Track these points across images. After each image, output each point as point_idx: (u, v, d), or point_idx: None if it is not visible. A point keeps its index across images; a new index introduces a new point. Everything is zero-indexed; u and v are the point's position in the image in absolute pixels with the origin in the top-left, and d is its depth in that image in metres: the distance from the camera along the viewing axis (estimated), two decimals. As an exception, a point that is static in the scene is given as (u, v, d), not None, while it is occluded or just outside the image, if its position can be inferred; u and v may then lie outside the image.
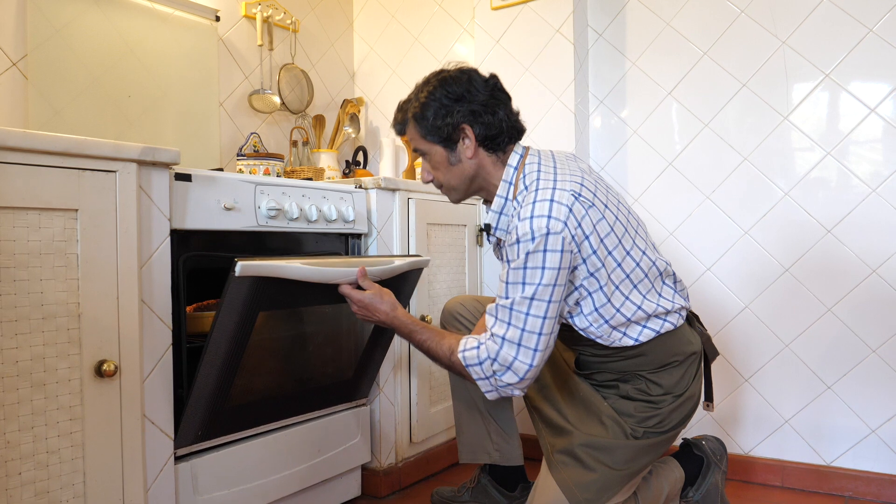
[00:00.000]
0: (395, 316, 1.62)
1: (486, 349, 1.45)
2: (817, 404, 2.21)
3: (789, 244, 2.25)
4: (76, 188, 1.30)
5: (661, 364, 1.54)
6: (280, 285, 1.52)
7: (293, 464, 1.84)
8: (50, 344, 1.27)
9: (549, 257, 1.38)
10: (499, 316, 1.44)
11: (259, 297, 1.51)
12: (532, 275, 1.39)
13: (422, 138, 1.55)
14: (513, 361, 1.42)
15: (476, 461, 1.93)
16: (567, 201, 1.40)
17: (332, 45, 3.08)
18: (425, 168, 1.61)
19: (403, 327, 1.62)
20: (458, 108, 1.50)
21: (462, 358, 1.48)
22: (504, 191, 1.54)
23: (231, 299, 1.47)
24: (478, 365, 1.46)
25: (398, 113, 1.60)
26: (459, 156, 1.54)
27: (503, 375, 1.44)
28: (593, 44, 2.60)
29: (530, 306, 1.39)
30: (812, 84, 2.22)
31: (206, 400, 1.56)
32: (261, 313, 1.57)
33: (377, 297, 1.62)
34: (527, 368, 1.42)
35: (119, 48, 2.18)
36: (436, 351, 1.55)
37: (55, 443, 1.28)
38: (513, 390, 1.46)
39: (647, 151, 2.51)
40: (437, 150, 1.55)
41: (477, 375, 1.47)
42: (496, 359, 1.43)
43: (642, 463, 1.53)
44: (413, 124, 1.56)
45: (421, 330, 1.60)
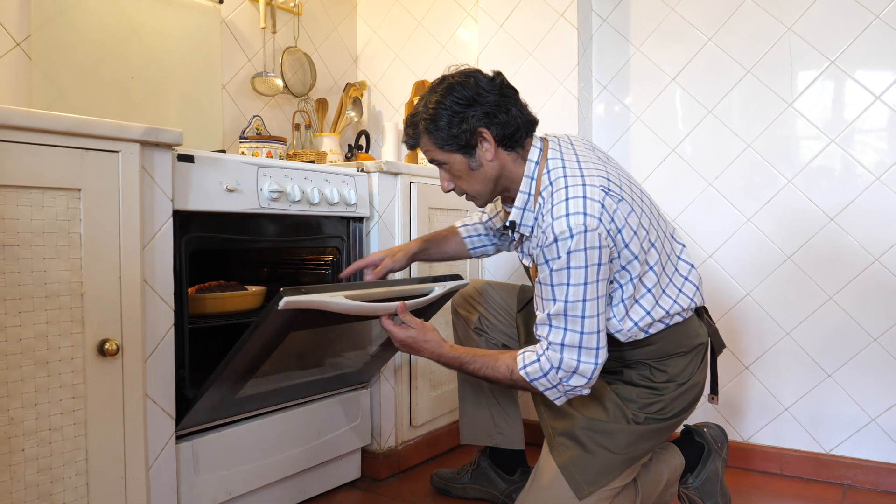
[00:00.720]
0: (442, 353, 1.58)
1: (548, 359, 1.43)
2: (818, 392, 2.22)
3: (792, 232, 2.25)
4: (79, 168, 1.31)
5: (667, 353, 1.55)
6: (319, 313, 1.49)
7: (293, 445, 1.86)
8: (53, 322, 1.28)
9: (590, 255, 1.37)
10: (553, 323, 1.42)
11: (295, 322, 1.50)
12: (577, 274, 1.38)
13: (438, 149, 1.52)
14: (577, 365, 1.41)
15: (477, 443, 1.95)
16: (598, 196, 1.40)
17: (335, 28, 3.07)
18: (444, 178, 1.58)
19: (453, 362, 1.58)
20: (471, 113, 1.47)
21: (525, 375, 1.45)
22: (527, 186, 1.52)
23: (268, 325, 1.45)
24: (543, 377, 1.44)
25: (408, 128, 1.57)
26: (480, 160, 1.51)
27: (570, 380, 1.42)
28: (597, 29, 2.59)
29: (584, 308, 1.39)
30: (817, 71, 2.21)
31: (218, 398, 1.58)
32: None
33: (420, 335, 1.58)
34: (593, 368, 1.41)
35: (123, 30, 2.18)
36: (494, 375, 1.52)
37: (58, 420, 1.29)
38: (581, 391, 1.45)
39: (650, 138, 2.50)
40: (456, 159, 1.52)
41: (543, 387, 1.45)
42: (560, 367, 1.41)
43: (643, 448, 1.54)
44: (427, 137, 1.53)
45: (471, 359, 1.55)
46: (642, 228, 1.47)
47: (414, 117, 1.55)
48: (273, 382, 1.72)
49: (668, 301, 1.52)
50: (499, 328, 1.89)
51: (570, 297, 1.38)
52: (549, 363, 1.42)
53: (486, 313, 1.89)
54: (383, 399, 2.15)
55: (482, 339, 1.89)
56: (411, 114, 1.57)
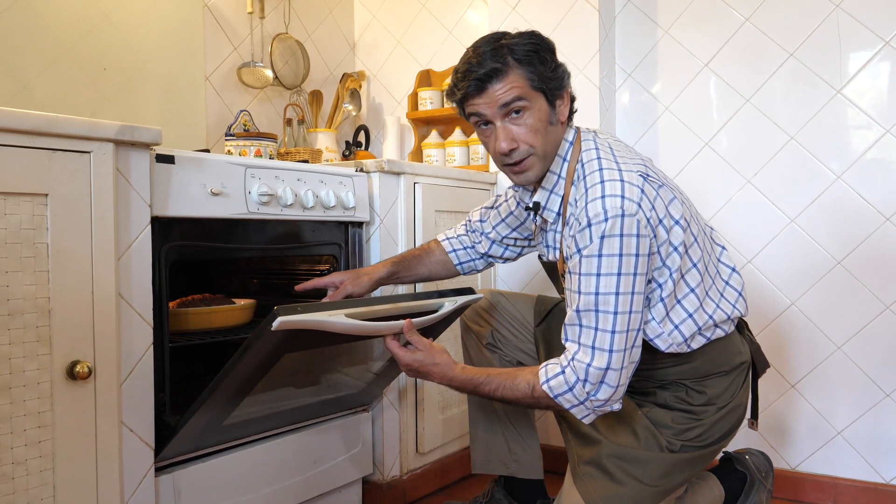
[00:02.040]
0: (454, 377, 1.55)
1: (573, 370, 1.39)
2: (875, 414, 2.19)
3: (842, 233, 2.23)
4: (46, 171, 1.29)
5: (707, 373, 1.53)
6: (316, 332, 1.47)
7: (287, 476, 1.84)
8: (16, 343, 1.27)
9: (626, 242, 1.34)
10: (583, 322, 1.39)
11: (290, 343, 1.49)
12: (609, 263, 1.35)
13: (530, 86, 1.44)
14: (606, 372, 1.37)
15: (491, 472, 1.93)
16: (637, 182, 1.39)
17: (330, 12, 3.07)
18: (508, 132, 1.46)
19: (466, 385, 1.54)
20: (563, 67, 1.49)
21: (548, 390, 1.41)
22: (558, 167, 1.52)
23: (259, 346, 1.44)
24: (568, 392, 1.39)
25: (485, 57, 1.42)
26: (558, 116, 1.50)
27: (598, 394, 1.38)
28: (620, 10, 2.58)
29: (617, 302, 1.35)
30: (870, 52, 2.18)
31: (203, 425, 1.57)
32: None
33: (428, 358, 1.55)
34: (618, 377, 1.37)
35: (93, 15, 2.17)
36: (514, 395, 1.47)
37: (21, 452, 1.28)
38: (611, 406, 1.41)
39: (680, 130, 2.48)
40: (542, 105, 1.46)
41: (570, 403, 1.41)
42: (587, 378, 1.37)
43: (678, 479, 1.52)
44: (519, 70, 1.43)
45: (486, 380, 1.51)
46: (685, 219, 1.46)
47: (500, 48, 1.43)
48: (265, 406, 1.70)
49: (711, 305, 1.50)
50: (514, 343, 1.88)
51: (601, 289, 1.35)
52: (574, 375, 1.39)
53: (500, 327, 1.88)
54: (386, 423, 2.13)
55: (495, 356, 1.88)
56: (491, 44, 1.44)
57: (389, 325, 1.54)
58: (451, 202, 2.35)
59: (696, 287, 1.49)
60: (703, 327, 1.49)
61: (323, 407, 1.93)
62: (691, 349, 1.50)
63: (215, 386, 1.48)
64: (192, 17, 2.47)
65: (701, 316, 1.49)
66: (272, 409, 1.74)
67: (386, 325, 1.54)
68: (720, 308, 1.52)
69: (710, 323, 1.50)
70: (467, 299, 1.73)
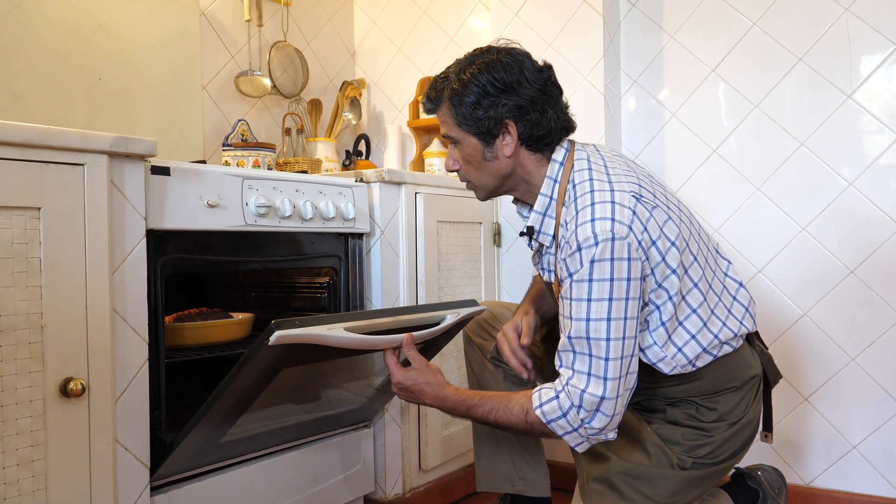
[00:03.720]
0: (446, 397, 1.56)
1: (568, 396, 1.39)
2: (891, 427, 2.18)
3: (855, 242, 2.22)
4: (39, 183, 1.30)
5: (717, 390, 1.53)
6: (315, 347, 1.47)
7: (286, 495, 1.84)
8: (8, 360, 1.26)
9: (617, 267, 1.34)
10: (575, 348, 1.39)
11: (288, 358, 1.49)
12: (600, 288, 1.35)
13: (456, 125, 1.53)
14: (601, 401, 1.36)
15: (496, 490, 1.92)
16: (629, 203, 1.38)
17: (329, 19, 3.08)
18: (452, 156, 1.59)
19: (459, 406, 1.55)
20: (503, 101, 1.47)
21: (541, 415, 1.41)
22: (549, 189, 1.52)
23: (257, 362, 1.44)
24: (562, 418, 1.40)
25: (431, 90, 1.57)
26: (496, 152, 1.52)
27: (592, 421, 1.38)
28: (625, 15, 2.58)
29: (609, 328, 1.35)
30: (881, 56, 2.18)
31: (199, 443, 1.57)
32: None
33: (421, 377, 1.57)
34: (614, 406, 1.37)
35: (87, 24, 2.18)
36: (506, 419, 1.47)
37: (14, 473, 1.27)
38: (606, 434, 1.41)
39: (687, 137, 2.48)
40: (470, 142, 1.53)
41: (563, 430, 1.41)
42: (581, 405, 1.37)
43: (689, 497, 1.51)
44: (448, 107, 1.53)
45: (480, 402, 1.52)
46: (682, 239, 1.45)
47: (442, 81, 1.55)
48: (263, 423, 1.70)
49: (717, 324, 1.49)
50: None
51: (592, 315, 1.35)
52: (568, 400, 1.39)
53: None
54: (388, 440, 2.12)
55: (499, 370, 1.87)
56: (441, 76, 1.57)
57: (389, 339, 1.54)
58: (454, 212, 2.35)
59: (698, 307, 1.48)
60: (709, 347, 1.48)
61: (323, 423, 1.92)
62: (696, 367, 1.49)
63: (212, 402, 1.47)
64: (189, 26, 2.47)
65: (705, 336, 1.48)
66: (271, 426, 1.74)
67: (386, 340, 1.53)
68: (727, 326, 1.51)
69: (715, 342, 1.49)
70: (470, 311, 1.72)
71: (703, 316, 1.48)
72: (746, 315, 1.56)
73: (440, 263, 2.29)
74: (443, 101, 1.53)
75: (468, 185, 1.62)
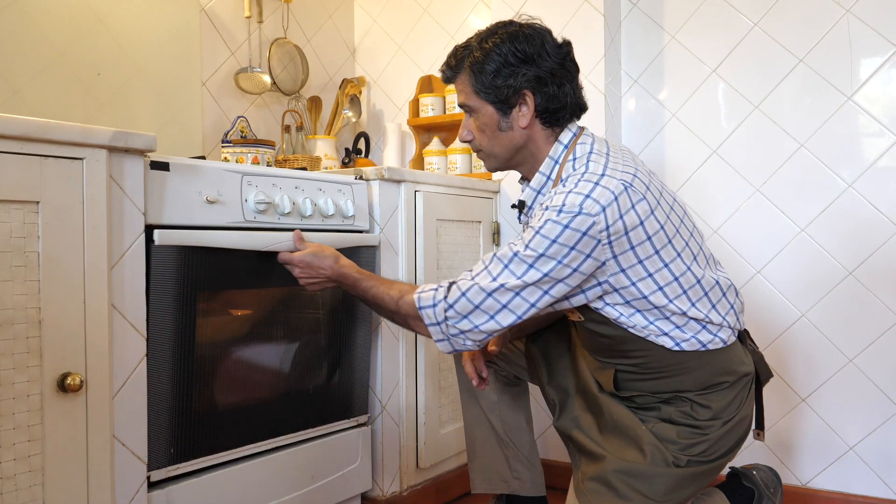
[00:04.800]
0: (340, 267, 1.70)
1: (447, 290, 1.48)
2: (888, 429, 2.18)
3: (854, 243, 2.22)
4: (37, 178, 1.29)
5: (709, 384, 1.53)
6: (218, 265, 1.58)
7: (284, 492, 1.84)
8: (6, 354, 1.26)
9: (566, 234, 1.38)
10: (488, 264, 1.46)
11: (192, 273, 1.56)
12: (540, 242, 1.39)
13: (474, 93, 1.55)
14: (474, 310, 1.44)
15: (492, 491, 1.92)
16: (614, 188, 1.40)
17: (329, 16, 3.08)
18: (467, 126, 1.62)
19: (348, 278, 1.69)
20: (523, 71, 1.50)
21: (416, 299, 1.51)
22: (548, 168, 1.56)
23: (159, 275, 1.51)
24: (432, 308, 1.48)
25: (452, 57, 1.59)
26: (512, 122, 1.55)
27: (457, 322, 1.47)
28: (626, 15, 2.58)
29: (526, 272, 1.40)
30: (881, 58, 2.19)
31: (165, 406, 1.56)
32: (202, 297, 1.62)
33: (319, 254, 1.72)
34: (484, 320, 1.45)
35: (87, 19, 2.18)
36: (382, 297, 1.60)
37: (10, 467, 1.27)
38: (465, 341, 1.49)
39: (687, 137, 2.48)
40: (487, 111, 1.55)
41: (428, 320, 1.49)
42: (454, 304, 1.46)
43: (684, 495, 1.51)
44: (468, 75, 1.55)
45: (368, 277, 1.67)
46: (663, 235, 1.45)
47: (463, 50, 1.58)
48: (234, 398, 1.72)
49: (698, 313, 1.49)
50: (511, 359, 1.88)
51: (521, 253, 1.41)
52: (444, 293, 1.47)
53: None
54: (386, 438, 2.12)
55: (490, 370, 1.87)
56: (461, 45, 1.60)
57: (278, 236, 1.73)
58: (454, 211, 2.35)
59: (675, 298, 1.47)
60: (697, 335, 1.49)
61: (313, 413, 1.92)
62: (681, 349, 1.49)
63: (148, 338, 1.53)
64: (189, 21, 2.47)
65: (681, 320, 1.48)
66: (243, 405, 1.75)
67: (274, 236, 1.72)
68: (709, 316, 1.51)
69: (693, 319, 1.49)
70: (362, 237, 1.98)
71: (682, 306, 1.47)
72: (731, 311, 1.56)
73: (439, 262, 2.29)
74: (463, 68, 1.56)
75: (479, 155, 1.65)
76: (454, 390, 2.33)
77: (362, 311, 2.06)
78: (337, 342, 1.99)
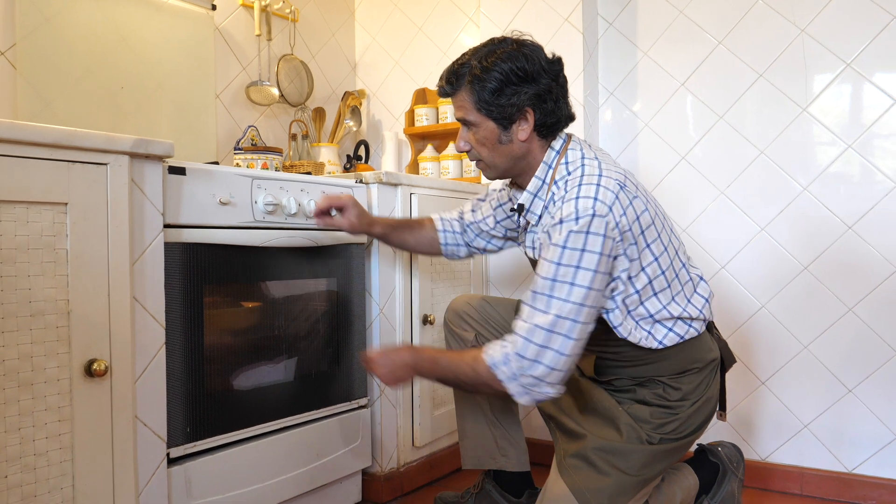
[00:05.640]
0: (416, 349, 1.60)
1: (513, 343, 1.38)
2: (838, 408, 2.20)
3: (808, 241, 2.24)
4: (66, 181, 1.30)
5: (682, 370, 1.54)
6: (224, 255, 1.56)
7: (291, 468, 1.84)
8: (38, 342, 1.27)
9: (591, 240, 1.35)
10: (534, 303, 1.39)
11: (204, 268, 1.55)
12: (571, 256, 1.35)
13: (475, 109, 1.50)
14: (542, 351, 1.35)
15: (481, 467, 1.92)
16: (613, 188, 1.40)
17: (332, 35, 3.08)
18: (464, 137, 1.56)
19: (425, 353, 1.57)
20: (525, 90, 1.46)
21: (488, 358, 1.40)
22: (543, 173, 1.54)
23: (175, 270, 1.51)
24: (505, 363, 1.38)
25: (451, 75, 1.52)
26: (512, 136, 1.51)
27: (532, 370, 1.36)
28: (603, 33, 2.59)
29: (570, 291, 1.35)
30: (832, 74, 2.20)
31: (182, 390, 1.57)
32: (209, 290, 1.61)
33: (391, 347, 1.63)
34: (557, 359, 1.35)
35: (112, 38, 2.18)
36: (459, 365, 1.47)
37: (43, 445, 1.28)
38: (545, 388, 1.38)
39: (659, 145, 2.49)
40: (488, 126, 1.51)
41: (505, 375, 1.38)
42: (524, 354, 1.36)
43: (657, 469, 1.53)
44: (469, 90, 1.49)
45: (443, 351, 1.55)
46: (654, 229, 1.47)
47: (461, 66, 1.51)
48: (243, 379, 1.73)
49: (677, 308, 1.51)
50: None
51: (558, 276, 1.36)
52: (513, 347, 1.38)
53: (484, 331, 1.87)
54: (384, 419, 2.13)
55: None
56: (459, 61, 1.52)
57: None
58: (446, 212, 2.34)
59: (660, 292, 1.49)
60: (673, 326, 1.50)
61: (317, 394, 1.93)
62: (663, 345, 1.51)
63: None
64: (204, 40, 2.47)
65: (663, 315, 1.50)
66: (252, 386, 1.76)
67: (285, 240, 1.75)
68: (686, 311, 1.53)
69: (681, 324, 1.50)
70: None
71: (664, 300, 1.49)
72: (706, 305, 1.58)
73: (433, 258, 2.29)
74: (462, 85, 1.50)
75: (479, 164, 1.59)
76: (446, 375, 2.33)
77: (359, 302, 2.06)
78: (337, 331, 2.00)
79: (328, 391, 1.96)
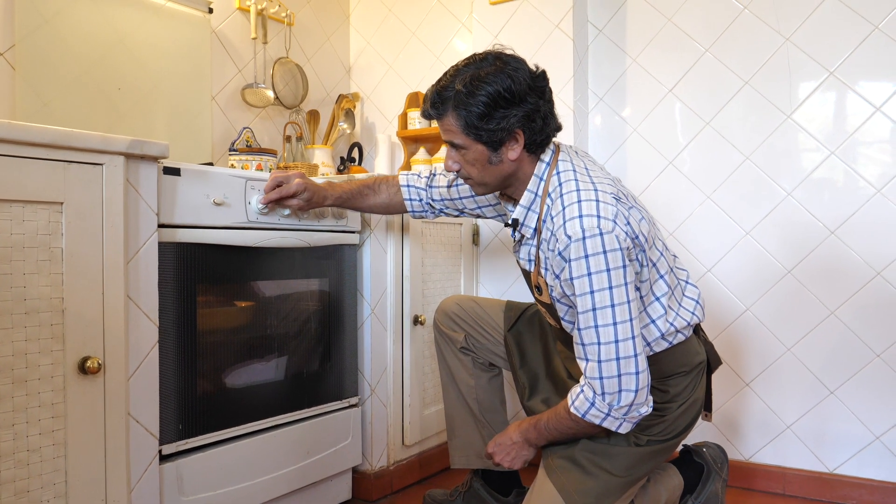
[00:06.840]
0: (519, 424, 1.60)
1: (590, 386, 1.38)
2: (820, 410, 2.21)
3: (792, 245, 2.25)
4: (62, 181, 1.30)
5: (670, 373, 1.55)
6: (218, 255, 1.54)
7: (282, 465, 1.84)
8: (32, 339, 1.27)
9: (610, 257, 1.34)
10: (584, 340, 1.38)
11: (198, 267, 1.54)
12: (599, 280, 1.34)
13: (462, 133, 1.44)
14: (620, 380, 1.35)
15: (470, 466, 1.93)
16: (611, 202, 1.39)
17: (327, 38, 3.08)
18: (453, 157, 1.50)
19: (527, 424, 1.57)
20: (513, 112, 1.40)
21: (575, 411, 1.41)
22: (535, 185, 1.50)
23: (169, 269, 1.49)
24: (592, 407, 1.39)
25: (435, 98, 1.45)
26: (501, 157, 1.46)
27: (619, 402, 1.37)
28: (593, 40, 2.60)
29: (614, 313, 1.34)
30: (816, 82, 2.22)
31: (175, 388, 1.57)
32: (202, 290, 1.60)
33: (497, 435, 1.63)
34: (636, 380, 1.36)
35: (109, 39, 2.18)
36: (559, 418, 1.48)
37: (36, 441, 1.28)
38: (640, 410, 1.39)
39: (647, 150, 2.50)
40: (477, 149, 1.45)
41: (598, 418, 1.40)
42: (603, 391, 1.36)
43: (643, 470, 1.53)
44: (454, 117, 1.43)
45: (539, 415, 1.55)
46: (651, 236, 1.48)
47: (445, 90, 1.43)
48: (235, 378, 1.72)
49: (672, 313, 1.52)
50: (486, 347, 1.88)
51: (597, 304, 1.34)
52: (591, 391, 1.38)
53: (473, 332, 1.87)
54: (375, 418, 2.13)
55: (468, 359, 1.88)
56: (442, 84, 1.45)
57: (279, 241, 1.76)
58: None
59: (661, 296, 1.50)
60: (666, 333, 1.51)
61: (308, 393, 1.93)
62: (654, 352, 1.52)
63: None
64: (201, 42, 2.47)
65: (664, 322, 1.50)
66: (244, 385, 1.76)
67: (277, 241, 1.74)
68: (680, 316, 1.53)
69: (672, 329, 1.51)
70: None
71: (665, 304, 1.50)
72: (697, 307, 1.58)
73: (424, 259, 2.30)
74: (448, 110, 1.43)
75: (468, 182, 1.55)
76: (436, 376, 2.34)
77: (351, 302, 2.07)
78: (328, 331, 2.00)
79: (319, 390, 1.96)
